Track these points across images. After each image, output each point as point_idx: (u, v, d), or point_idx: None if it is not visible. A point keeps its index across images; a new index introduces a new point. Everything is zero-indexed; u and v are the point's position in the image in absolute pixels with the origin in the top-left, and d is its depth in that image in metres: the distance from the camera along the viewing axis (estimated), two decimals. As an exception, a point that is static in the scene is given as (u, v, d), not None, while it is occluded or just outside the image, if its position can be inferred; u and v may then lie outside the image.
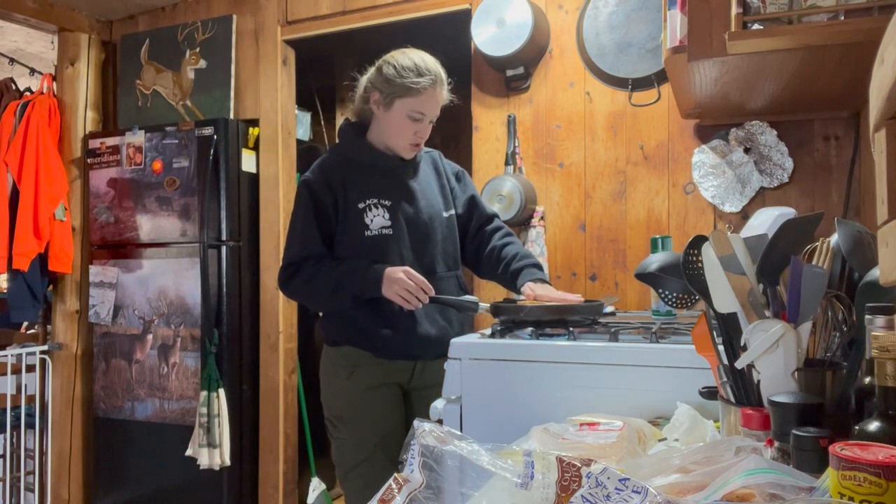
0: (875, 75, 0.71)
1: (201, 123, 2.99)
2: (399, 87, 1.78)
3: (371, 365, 1.86)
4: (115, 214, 3.15)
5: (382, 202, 1.83)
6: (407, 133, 1.83)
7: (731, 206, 2.31)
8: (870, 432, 0.74)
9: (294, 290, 1.86)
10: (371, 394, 1.86)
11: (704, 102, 2.07)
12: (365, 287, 1.76)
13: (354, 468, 1.86)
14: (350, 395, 1.86)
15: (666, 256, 1.27)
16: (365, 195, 1.83)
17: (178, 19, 3.27)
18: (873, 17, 1.32)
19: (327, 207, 1.82)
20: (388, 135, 1.85)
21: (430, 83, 1.79)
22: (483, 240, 2.01)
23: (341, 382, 1.88)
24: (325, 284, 1.78)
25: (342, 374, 1.88)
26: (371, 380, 1.86)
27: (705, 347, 1.10)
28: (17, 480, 3.30)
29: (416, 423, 0.83)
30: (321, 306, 1.93)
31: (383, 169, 1.88)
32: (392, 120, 1.82)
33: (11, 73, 3.94)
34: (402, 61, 1.80)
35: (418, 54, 1.84)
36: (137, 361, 3.08)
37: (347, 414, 1.87)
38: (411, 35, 3.02)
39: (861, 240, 0.97)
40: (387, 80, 1.80)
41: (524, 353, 1.55)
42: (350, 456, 1.87)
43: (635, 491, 0.66)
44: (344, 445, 1.88)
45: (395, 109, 1.81)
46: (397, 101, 1.80)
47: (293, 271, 1.83)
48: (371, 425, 1.85)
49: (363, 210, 1.82)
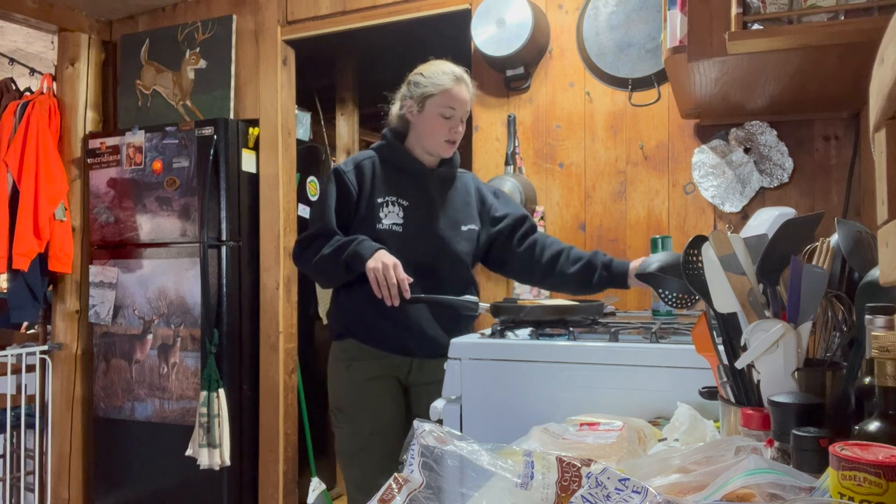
0: (875, 75, 0.71)
1: (201, 123, 2.99)
2: (427, 87, 1.92)
3: (369, 357, 1.93)
4: (115, 214, 3.15)
5: (400, 202, 1.93)
6: (441, 130, 1.92)
7: (731, 206, 2.31)
8: (870, 432, 0.74)
9: (305, 261, 1.93)
10: (368, 385, 1.93)
11: (704, 102, 2.07)
12: (355, 254, 1.81)
13: (352, 457, 1.94)
14: (349, 386, 1.95)
15: (666, 256, 1.27)
16: (384, 192, 1.93)
17: (178, 19, 3.27)
18: (873, 17, 1.32)
19: (350, 197, 1.92)
20: (425, 136, 1.95)
21: (455, 80, 1.92)
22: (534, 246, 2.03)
23: (342, 374, 1.96)
24: (330, 253, 1.86)
25: (343, 367, 1.96)
26: (369, 372, 1.93)
27: (705, 347, 1.10)
28: (17, 480, 3.30)
29: (416, 423, 0.83)
30: (324, 275, 1.98)
31: (412, 173, 1.97)
32: (426, 120, 1.93)
33: (11, 73, 3.94)
34: (427, 68, 1.96)
35: (440, 61, 1.99)
36: (137, 361, 3.08)
37: (346, 404, 1.96)
38: (411, 35, 3.02)
39: (861, 240, 0.97)
40: (416, 85, 1.94)
41: (524, 353, 1.55)
42: (348, 445, 1.95)
43: (635, 491, 0.66)
44: (343, 435, 1.97)
45: (427, 110, 1.92)
46: (428, 101, 1.91)
47: (307, 245, 1.92)
48: (367, 416, 1.92)
49: (380, 205, 1.92)
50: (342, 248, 1.84)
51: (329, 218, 1.90)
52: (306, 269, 1.99)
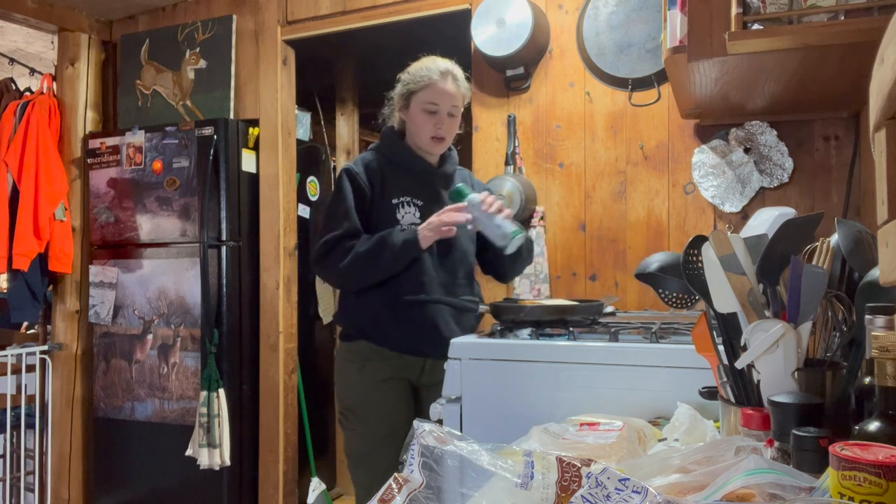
0: (875, 75, 0.71)
1: (201, 123, 2.99)
2: (412, 84, 1.92)
3: (381, 359, 1.91)
4: (115, 214, 3.15)
5: (415, 201, 1.93)
6: (426, 127, 1.91)
7: (731, 206, 2.31)
8: (870, 432, 0.74)
9: (331, 263, 1.88)
10: (381, 386, 1.91)
11: (704, 102, 2.07)
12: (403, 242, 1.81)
13: (362, 459, 1.92)
14: (361, 387, 1.93)
15: (666, 256, 1.27)
16: (399, 192, 1.93)
17: (178, 19, 3.26)
18: (873, 17, 1.32)
19: (365, 198, 1.91)
20: (413, 133, 1.95)
21: (441, 74, 1.91)
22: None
23: (353, 376, 1.94)
24: (368, 250, 1.83)
25: (354, 368, 1.94)
26: (381, 373, 1.91)
27: (705, 347, 1.10)
28: (17, 480, 3.30)
29: (415, 423, 0.83)
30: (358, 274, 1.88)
31: (418, 172, 1.98)
32: (413, 117, 1.93)
33: (11, 73, 3.94)
34: (414, 65, 1.96)
35: (430, 57, 1.98)
36: (137, 361, 3.08)
37: (358, 406, 1.93)
38: (411, 35, 3.02)
39: (861, 240, 0.97)
40: (403, 84, 1.95)
41: (524, 353, 1.55)
42: (358, 447, 1.93)
43: (635, 491, 0.66)
44: (353, 437, 1.95)
45: (412, 107, 1.93)
46: (413, 98, 1.92)
47: (330, 247, 1.87)
48: (379, 418, 1.91)
49: (396, 205, 1.91)
50: (382, 243, 1.82)
51: (353, 218, 1.87)
52: (332, 271, 1.92)
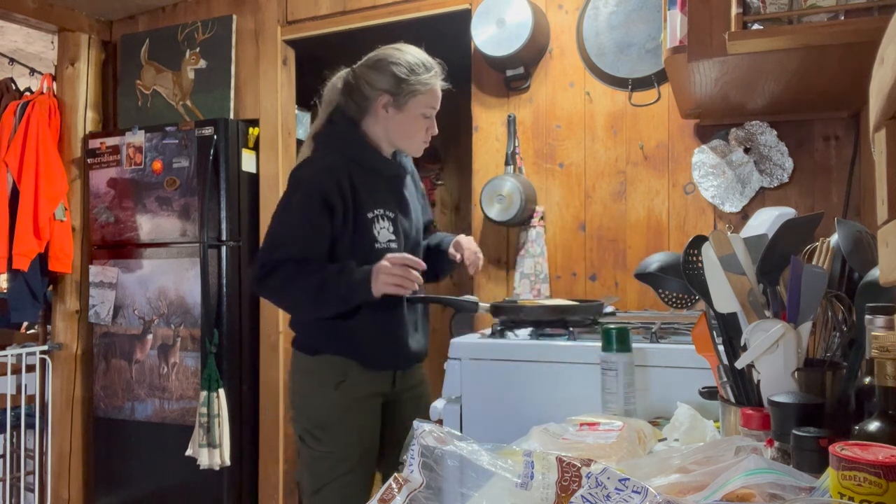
0: (875, 75, 0.71)
1: (201, 123, 2.99)
2: (413, 86, 1.73)
3: (358, 374, 1.74)
4: (115, 214, 3.15)
5: (388, 213, 1.76)
6: (420, 132, 1.77)
7: (731, 206, 2.31)
8: (870, 432, 0.74)
9: (270, 288, 1.70)
10: (358, 405, 1.75)
11: (704, 102, 2.07)
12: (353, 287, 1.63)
13: (332, 482, 1.72)
14: (338, 405, 1.73)
15: (666, 256, 1.27)
16: (371, 205, 1.73)
17: (178, 19, 3.26)
18: (873, 17, 1.32)
19: (337, 213, 1.68)
20: (400, 136, 1.78)
21: (437, 77, 1.77)
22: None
23: (328, 392, 1.73)
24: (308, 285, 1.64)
25: (329, 385, 1.73)
26: (358, 390, 1.74)
27: (705, 347, 1.10)
28: (17, 480, 3.30)
29: (416, 423, 0.83)
30: (298, 309, 1.77)
31: (385, 176, 1.80)
32: (406, 121, 1.76)
33: (11, 73, 3.94)
34: (409, 59, 1.75)
35: (416, 50, 1.80)
36: (137, 361, 3.08)
37: (333, 425, 1.74)
38: (411, 35, 3.01)
39: (861, 240, 0.97)
40: (399, 80, 1.73)
41: (524, 353, 1.55)
42: (329, 469, 1.73)
43: (635, 491, 0.66)
44: (322, 458, 1.74)
45: (409, 109, 1.74)
46: (412, 100, 1.73)
47: (271, 269, 1.67)
48: (357, 437, 1.74)
49: (372, 220, 1.72)
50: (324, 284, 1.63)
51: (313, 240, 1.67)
52: (270, 296, 1.77)
